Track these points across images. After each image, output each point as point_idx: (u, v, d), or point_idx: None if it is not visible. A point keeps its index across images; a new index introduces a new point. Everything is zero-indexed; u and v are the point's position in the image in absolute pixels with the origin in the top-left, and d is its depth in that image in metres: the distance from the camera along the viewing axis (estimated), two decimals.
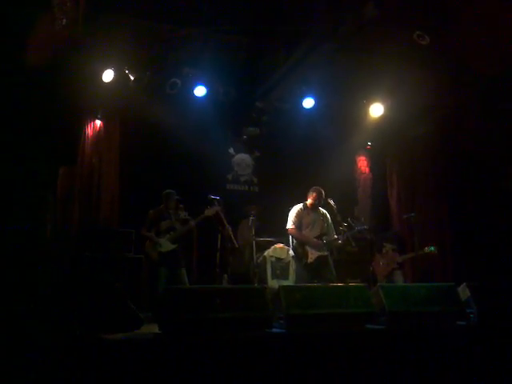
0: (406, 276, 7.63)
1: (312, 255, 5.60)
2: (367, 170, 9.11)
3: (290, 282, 6.71)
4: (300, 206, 5.86)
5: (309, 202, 5.84)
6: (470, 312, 4.38)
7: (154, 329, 3.69)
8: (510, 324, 4.28)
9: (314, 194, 5.81)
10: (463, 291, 4.53)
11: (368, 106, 7.74)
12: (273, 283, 6.65)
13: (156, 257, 5.72)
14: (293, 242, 5.80)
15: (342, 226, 5.80)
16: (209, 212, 5.89)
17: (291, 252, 5.76)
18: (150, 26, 6.12)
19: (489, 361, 4.01)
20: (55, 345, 3.37)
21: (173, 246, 5.77)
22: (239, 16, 5.98)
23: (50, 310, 3.83)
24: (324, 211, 5.91)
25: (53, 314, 3.83)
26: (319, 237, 5.72)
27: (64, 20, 4.99)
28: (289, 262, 6.83)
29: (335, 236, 5.79)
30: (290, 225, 5.77)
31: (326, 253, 5.66)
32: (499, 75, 6.38)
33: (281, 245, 6.99)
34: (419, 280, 6.93)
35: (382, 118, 7.81)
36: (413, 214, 7.09)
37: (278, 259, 6.93)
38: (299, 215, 5.77)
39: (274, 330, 3.81)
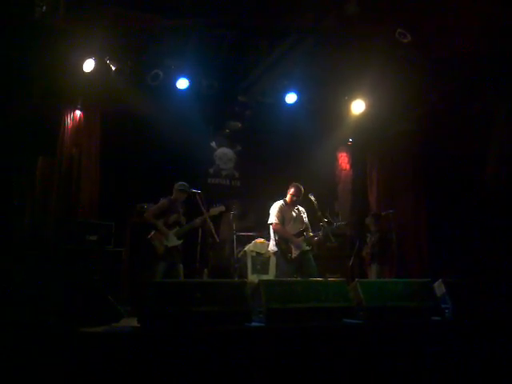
0: (384, 272, 7.73)
1: (296, 250, 5.62)
2: (348, 166, 9.19)
3: (270, 276, 6.75)
4: (281, 202, 5.87)
5: (288, 197, 5.85)
6: (445, 307, 4.47)
7: (133, 322, 3.67)
8: (483, 319, 4.39)
9: (293, 190, 5.82)
10: (439, 287, 4.62)
11: (350, 102, 7.79)
12: (253, 278, 6.68)
13: (162, 251, 5.59)
14: (275, 237, 5.81)
15: (322, 222, 5.83)
16: (214, 211, 5.85)
17: (273, 247, 5.76)
18: (132, 15, 6.03)
19: (463, 355, 4.11)
20: (31, 338, 3.33)
21: (178, 242, 5.69)
22: (222, 9, 5.95)
23: (26, 302, 3.78)
24: (302, 208, 5.94)
25: (29, 306, 3.78)
26: (301, 232, 5.74)
27: (44, 7, 4.90)
28: (269, 256, 6.86)
29: (311, 233, 5.82)
30: (273, 220, 5.75)
31: (307, 248, 5.69)
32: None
33: (261, 239, 7.02)
34: (396, 276, 7.03)
35: (364, 114, 7.88)
36: (391, 211, 7.18)
37: (259, 254, 6.96)
38: (281, 211, 5.77)
39: (254, 323, 3.83)
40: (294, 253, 5.59)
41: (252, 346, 3.59)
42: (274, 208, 5.81)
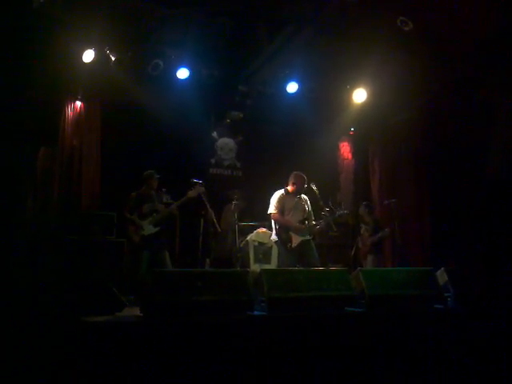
0: (387, 260, 7.74)
1: (296, 240, 5.62)
2: (350, 155, 9.17)
3: (272, 266, 6.76)
4: (281, 191, 5.86)
5: (290, 187, 5.83)
6: (447, 296, 4.48)
7: (136, 312, 3.69)
8: (485, 308, 4.39)
9: (296, 180, 5.80)
10: (441, 275, 4.62)
11: (351, 91, 7.75)
12: (255, 267, 6.69)
13: (138, 240, 5.68)
14: (276, 226, 5.81)
15: (323, 211, 5.83)
16: (192, 193, 5.83)
17: (274, 237, 5.77)
18: (131, 5, 5.99)
19: (465, 343, 4.12)
20: (35, 328, 3.35)
21: (155, 229, 5.72)
22: None
23: (29, 292, 3.80)
24: (305, 197, 5.92)
25: (33, 295, 3.80)
26: (302, 222, 5.74)
27: None
28: (271, 246, 6.86)
29: (313, 222, 5.82)
30: (272, 209, 5.76)
31: (308, 237, 5.69)
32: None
33: (263, 229, 7.02)
34: (398, 264, 7.04)
35: (365, 103, 7.83)
36: (393, 200, 7.17)
37: (261, 243, 6.96)
38: (281, 200, 5.77)
39: (256, 312, 3.84)
40: (294, 242, 5.59)
41: (254, 334, 3.60)
42: (274, 197, 5.80)
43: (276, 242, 5.83)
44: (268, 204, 5.88)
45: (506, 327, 4.24)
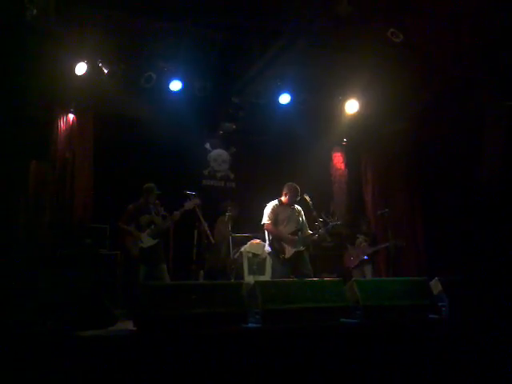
0: (381, 270, 7.75)
1: (289, 251, 5.61)
2: (343, 166, 9.20)
3: (266, 277, 6.73)
4: (275, 202, 5.87)
5: (283, 198, 5.85)
6: (441, 306, 4.48)
7: (129, 326, 3.65)
8: (480, 317, 4.39)
9: (289, 191, 5.81)
10: (435, 285, 4.63)
11: (343, 102, 7.80)
12: (249, 279, 6.66)
13: (137, 253, 5.63)
14: (269, 237, 5.82)
15: (317, 222, 5.83)
16: (188, 205, 5.82)
17: (268, 248, 5.76)
18: (123, 18, 6.02)
19: (460, 353, 4.11)
20: (28, 342, 3.30)
21: (154, 242, 5.68)
22: (214, 11, 5.94)
23: (21, 307, 3.76)
24: (298, 207, 5.93)
25: (25, 310, 3.75)
26: (294, 233, 5.74)
27: (35, 10, 4.87)
28: (265, 257, 6.85)
29: (309, 232, 5.82)
30: (265, 220, 5.77)
31: (301, 248, 5.69)
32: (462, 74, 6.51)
33: (257, 240, 7.00)
34: (392, 274, 7.04)
35: (358, 114, 7.88)
36: (386, 210, 7.19)
37: (255, 255, 6.94)
38: (274, 211, 5.78)
39: (250, 325, 3.82)
40: (288, 253, 5.59)
41: (249, 347, 3.57)
42: (267, 208, 5.81)
43: (269, 252, 5.83)
44: (262, 215, 5.89)
45: (502, 336, 4.24)
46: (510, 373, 4.01)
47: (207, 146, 8.33)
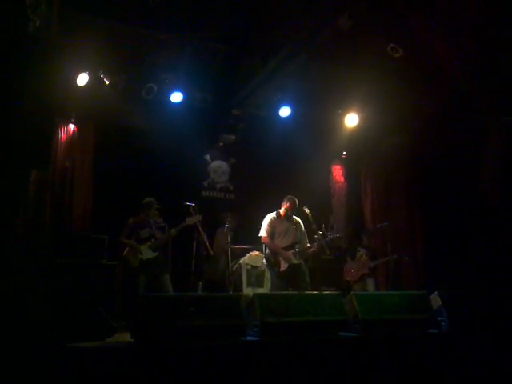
0: (380, 284, 7.72)
1: (284, 264, 5.61)
2: (342, 178, 9.21)
3: (265, 289, 6.70)
4: (273, 214, 5.87)
5: (282, 210, 5.85)
6: (441, 320, 4.46)
7: (127, 337, 3.63)
8: (479, 332, 4.37)
9: (288, 204, 5.82)
10: (435, 299, 4.61)
11: (343, 115, 7.83)
12: (248, 291, 6.63)
13: (137, 264, 5.66)
14: (266, 250, 5.81)
15: (316, 234, 5.83)
16: (190, 221, 5.88)
17: (265, 260, 5.76)
18: (125, 29, 6.06)
19: (459, 367, 4.08)
20: (24, 353, 3.28)
21: (154, 254, 5.73)
22: (216, 23, 5.99)
23: (18, 317, 3.73)
24: (297, 219, 5.93)
25: (22, 321, 3.73)
26: (292, 245, 5.73)
27: (38, 21, 4.91)
28: (264, 269, 6.83)
29: (308, 244, 5.80)
30: (262, 233, 5.78)
31: (298, 261, 5.67)
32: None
33: (256, 252, 6.99)
34: (392, 288, 7.01)
35: (357, 127, 7.91)
36: (386, 224, 7.20)
37: (254, 267, 6.92)
38: (272, 224, 5.79)
39: (249, 337, 3.79)
40: (283, 266, 5.57)
41: (247, 360, 3.55)
42: (265, 221, 5.82)
43: (266, 265, 5.83)
44: (261, 227, 5.88)
45: (501, 351, 4.21)
46: None
47: (207, 157, 8.34)
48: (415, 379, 3.95)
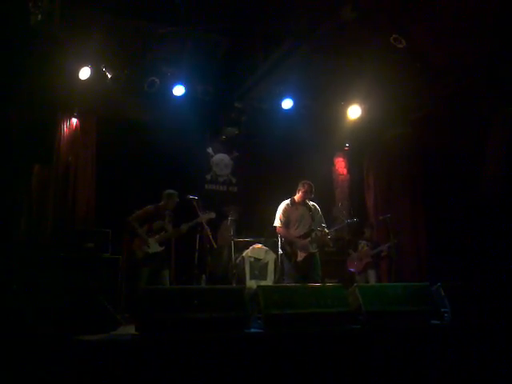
0: (383, 276, 7.73)
1: (301, 254, 5.49)
2: (345, 171, 9.20)
3: (268, 282, 6.73)
4: (287, 201, 5.72)
5: (298, 195, 5.69)
6: (443, 311, 4.46)
7: (131, 330, 3.65)
8: (482, 323, 4.38)
9: (305, 187, 5.65)
10: (437, 291, 4.62)
11: (346, 107, 7.80)
12: (251, 283, 6.65)
13: (141, 256, 5.66)
14: (281, 239, 5.73)
15: (340, 214, 5.78)
16: (203, 218, 5.88)
17: (279, 249, 5.73)
18: (127, 23, 6.05)
19: (462, 359, 4.10)
20: (29, 346, 3.30)
21: (160, 249, 5.75)
22: (218, 16, 5.97)
23: (23, 311, 3.76)
24: (313, 204, 5.77)
25: (27, 314, 3.75)
26: (308, 233, 5.60)
27: (39, 16, 4.90)
28: (267, 262, 6.85)
29: (326, 230, 5.63)
30: (277, 223, 5.65)
31: (314, 250, 5.58)
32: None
33: (259, 245, 7.00)
34: (394, 280, 7.03)
35: (360, 119, 7.89)
36: (388, 215, 7.20)
37: (257, 259, 6.94)
38: (286, 212, 5.64)
39: (253, 330, 3.81)
40: (300, 256, 5.49)
41: (251, 352, 3.57)
42: (279, 210, 5.69)
43: (281, 255, 5.79)
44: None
45: (504, 342, 4.22)
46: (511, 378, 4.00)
47: (209, 150, 8.34)
48: (418, 370, 3.97)
